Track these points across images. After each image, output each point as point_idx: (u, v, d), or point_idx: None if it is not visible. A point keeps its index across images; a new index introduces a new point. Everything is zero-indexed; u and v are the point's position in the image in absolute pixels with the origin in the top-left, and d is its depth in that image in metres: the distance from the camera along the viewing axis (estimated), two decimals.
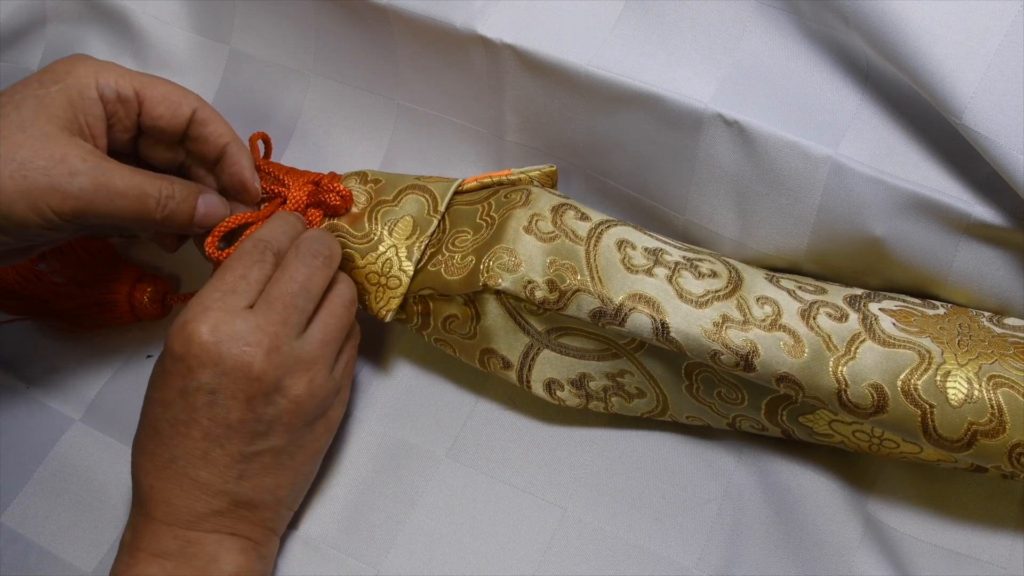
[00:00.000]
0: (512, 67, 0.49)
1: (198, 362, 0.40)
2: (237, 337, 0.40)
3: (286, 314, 0.41)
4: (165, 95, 0.45)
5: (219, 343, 0.40)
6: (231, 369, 0.40)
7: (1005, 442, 0.38)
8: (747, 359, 0.40)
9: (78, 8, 0.62)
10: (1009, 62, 0.40)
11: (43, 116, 0.41)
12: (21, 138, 0.40)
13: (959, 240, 0.42)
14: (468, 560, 0.45)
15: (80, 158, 0.41)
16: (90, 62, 0.43)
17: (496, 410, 0.49)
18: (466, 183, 0.48)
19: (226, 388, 0.40)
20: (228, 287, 0.42)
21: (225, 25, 0.59)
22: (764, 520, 0.45)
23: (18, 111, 0.41)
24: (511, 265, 0.43)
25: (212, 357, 0.40)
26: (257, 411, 0.41)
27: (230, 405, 0.40)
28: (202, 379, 0.40)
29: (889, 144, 0.43)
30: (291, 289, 0.42)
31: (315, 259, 0.43)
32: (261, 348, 0.40)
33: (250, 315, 0.41)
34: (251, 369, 0.40)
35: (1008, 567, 0.43)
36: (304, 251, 0.43)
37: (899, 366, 0.39)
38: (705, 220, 0.48)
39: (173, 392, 0.40)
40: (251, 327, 0.40)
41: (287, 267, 0.43)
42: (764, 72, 0.45)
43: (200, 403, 0.40)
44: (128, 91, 0.44)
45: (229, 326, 0.40)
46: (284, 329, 0.41)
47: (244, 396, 0.40)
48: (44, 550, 0.47)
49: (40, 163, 0.40)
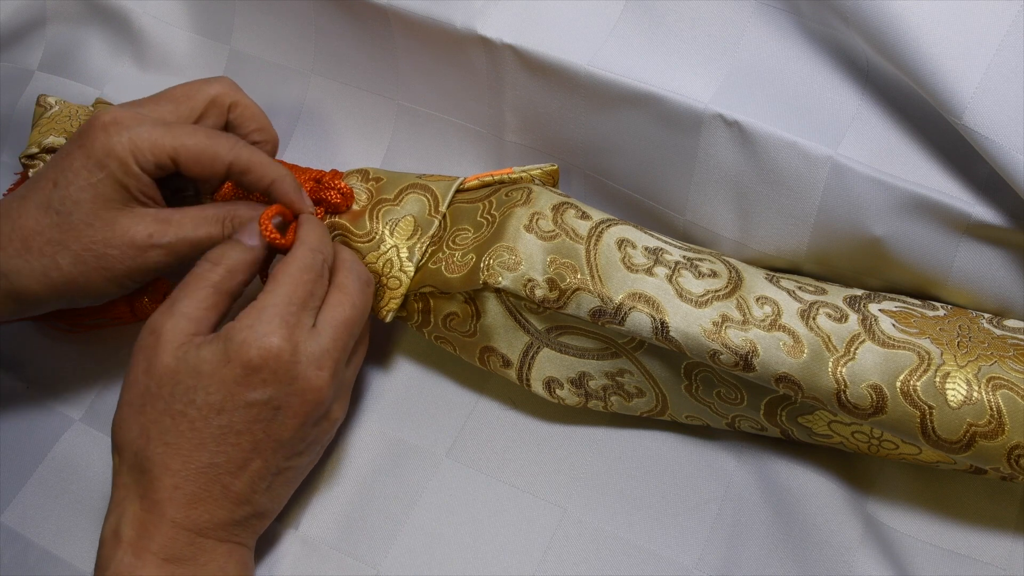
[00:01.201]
0: (512, 67, 0.49)
1: (274, 377, 0.40)
2: (312, 359, 0.40)
3: (346, 340, 0.42)
4: (198, 156, 0.44)
5: (297, 364, 0.40)
6: (302, 391, 0.40)
7: (1004, 444, 0.38)
8: (746, 359, 0.40)
9: (78, 8, 0.62)
10: (1009, 62, 0.39)
11: (102, 206, 0.42)
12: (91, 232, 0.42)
13: (959, 240, 0.42)
14: (468, 560, 0.45)
15: (147, 234, 0.43)
16: (123, 135, 0.42)
17: (496, 410, 0.49)
18: (467, 182, 0.48)
19: (292, 407, 0.40)
20: (300, 302, 0.41)
21: (225, 25, 0.59)
22: (764, 520, 0.45)
23: (78, 207, 0.42)
24: (511, 263, 0.43)
25: (289, 375, 0.40)
26: (306, 431, 0.41)
27: (288, 423, 0.40)
28: (272, 393, 0.40)
29: (889, 144, 0.43)
30: (353, 316, 0.43)
31: (368, 286, 0.44)
32: (329, 372, 0.41)
33: (319, 336, 0.41)
34: (320, 393, 0.41)
35: (1008, 568, 0.43)
36: (358, 274, 0.44)
37: (898, 367, 0.39)
38: (705, 220, 0.48)
39: (235, 401, 0.39)
40: (322, 350, 0.41)
41: (346, 289, 0.43)
42: (764, 72, 0.45)
43: (262, 416, 0.40)
44: (164, 159, 0.43)
45: (305, 346, 0.40)
46: (343, 356, 0.42)
47: (304, 416, 0.41)
48: (44, 550, 0.47)
49: (114, 252, 0.43)
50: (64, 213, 0.42)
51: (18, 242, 0.42)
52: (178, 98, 0.47)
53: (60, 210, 0.42)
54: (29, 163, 0.52)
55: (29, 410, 0.51)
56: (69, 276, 0.43)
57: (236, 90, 0.48)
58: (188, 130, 0.44)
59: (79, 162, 0.42)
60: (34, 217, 0.42)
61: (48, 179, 0.42)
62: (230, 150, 0.44)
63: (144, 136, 0.43)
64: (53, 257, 0.42)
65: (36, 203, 0.42)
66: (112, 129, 0.42)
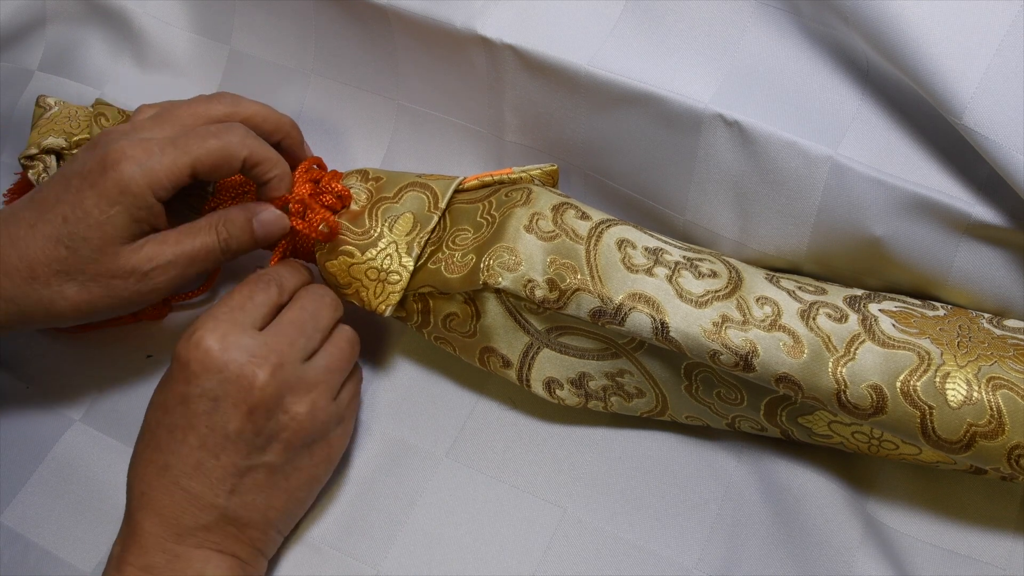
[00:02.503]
0: (512, 67, 0.49)
1: (203, 368, 0.41)
2: (243, 349, 0.41)
3: (293, 337, 0.43)
4: (216, 163, 0.44)
5: (225, 351, 0.41)
6: (235, 378, 0.41)
7: (1004, 444, 0.38)
8: (746, 359, 0.40)
9: (78, 8, 0.62)
10: (1009, 62, 0.39)
11: (109, 241, 0.43)
12: (96, 266, 0.43)
13: (959, 240, 0.42)
14: (468, 560, 0.45)
15: (147, 258, 0.44)
16: (136, 169, 0.43)
17: (496, 410, 0.49)
18: (467, 181, 0.48)
19: (229, 396, 0.41)
20: (236, 305, 0.43)
21: (225, 25, 0.59)
22: (764, 520, 0.45)
23: (86, 243, 0.43)
24: (511, 264, 0.43)
25: (218, 365, 0.41)
26: (257, 423, 0.41)
27: (231, 414, 0.41)
28: (205, 385, 0.40)
29: (889, 144, 0.43)
30: (301, 317, 0.44)
31: (324, 297, 0.45)
32: (267, 362, 0.41)
33: (258, 333, 0.42)
34: (255, 380, 0.41)
35: (1007, 568, 0.43)
36: (314, 289, 0.45)
37: (898, 367, 0.39)
38: (705, 220, 0.48)
39: (175, 397, 0.41)
40: (258, 343, 0.42)
41: (298, 299, 0.45)
42: (764, 72, 0.45)
43: (201, 409, 0.41)
44: (183, 179, 0.44)
45: (236, 338, 0.41)
46: (290, 350, 0.42)
47: (246, 407, 0.41)
48: (44, 550, 0.47)
49: (119, 281, 0.44)
50: (72, 249, 0.43)
51: (25, 271, 0.43)
52: (184, 120, 0.46)
53: (69, 245, 0.43)
54: (28, 164, 0.52)
55: (29, 410, 0.51)
56: (75, 304, 0.44)
57: (238, 103, 0.48)
58: (198, 139, 0.44)
59: (91, 201, 0.42)
60: (42, 249, 0.43)
61: (58, 213, 0.43)
62: (243, 146, 0.45)
63: (159, 166, 0.43)
64: (60, 287, 0.43)
65: (45, 235, 0.43)
66: (124, 166, 0.42)
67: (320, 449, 0.44)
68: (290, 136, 0.49)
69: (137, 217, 0.43)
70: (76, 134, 0.52)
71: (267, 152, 0.46)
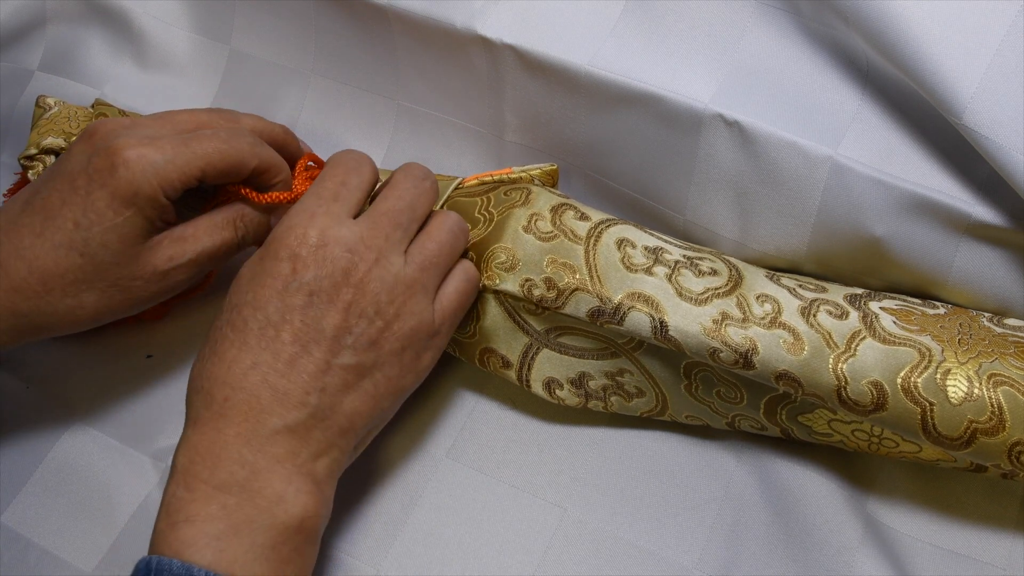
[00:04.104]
0: (512, 67, 0.49)
1: (302, 263, 0.39)
2: (342, 243, 0.40)
3: (390, 230, 0.41)
4: (227, 167, 0.43)
5: (326, 246, 0.40)
6: (333, 273, 0.40)
7: (1005, 440, 0.38)
8: (746, 356, 0.40)
9: (78, 8, 0.62)
10: (1009, 62, 0.40)
11: (129, 244, 0.42)
12: (117, 270, 0.42)
13: (959, 240, 0.42)
14: (468, 560, 0.45)
15: (167, 257, 0.43)
16: (148, 169, 0.41)
17: (496, 410, 0.49)
18: (466, 181, 0.48)
19: (326, 291, 0.39)
20: (330, 194, 0.41)
21: (225, 25, 0.59)
22: (764, 520, 0.45)
23: (105, 249, 0.41)
24: (509, 264, 0.43)
25: (317, 259, 0.39)
26: (350, 321, 0.40)
27: (326, 309, 0.39)
28: (304, 278, 0.39)
29: (889, 144, 0.43)
30: (398, 206, 0.42)
31: (424, 181, 0.44)
32: (364, 259, 0.40)
33: (355, 225, 0.41)
34: (352, 275, 0.40)
35: (1008, 567, 0.43)
36: (413, 172, 0.44)
37: (899, 364, 0.39)
38: (705, 220, 0.48)
39: (269, 292, 0.39)
40: (356, 236, 0.40)
41: (395, 185, 0.43)
42: (764, 72, 0.45)
43: (297, 303, 0.39)
44: (192, 181, 0.42)
45: (335, 231, 0.40)
46: (387, 244, 0.41)
47: (342, 303, 0.39)
48: (44, 550, 0.47)
49: (139, 283, 0.43)
50: (89, 255, 0.41)
51: (37, 284, 0.41)
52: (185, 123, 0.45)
53: (84, 252, 0.41)
54: (28, 164, 0.52)
55: (29, 410, 0.51)
56: (95, 311, 0.43)
57: (234, 114, 0.47)
58: (209, 141, 0.43)
59: (103, 202, 0.41)
60: (54, 259, 0.41)
61: (67, 218, 0.41)
62: (253, 153, 0.44)
63: (170, 166, 0.41)
64: (77, 297, 0.42)
65: (56, 243, 0.41)
66: (136, 165, 0.41)
67: (409, 357, 0.42)
68: (286, 144, 0.48)
69: (150, 216, 0.42)
70: (76, 134, 0.52)
71: (274, 159, 0.45)
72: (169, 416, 0.50)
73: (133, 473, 0.48)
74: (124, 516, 0.47)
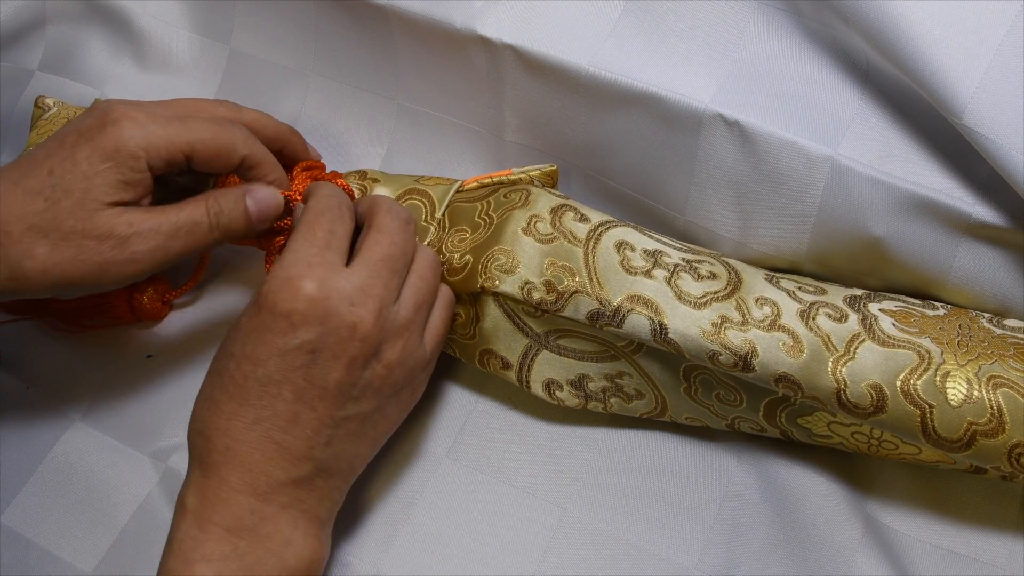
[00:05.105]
0: (512, 67, 0.49)
1: (303, 319, 0.38)
2: (344, 296, 0.39)
3: (387, 277, 0.41)
4: (216, 151, 0.43)
5: (327, 300, 0.39)
6: (337, 328, 0.39)
7: (1004, 442, 0.38)
8: (746, 359, 0.40)
9: (78, 8, 0.62)
10: (1009, 62, 0.39)
11: (92, 196, 0.41)
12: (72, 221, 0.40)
13: (959, 240, 0.42)
14: (468, 560, 0.45)
15: (127, 222, 0.41)
16: (137, 131, 0.41)
17: (496, 410, 0.49)
18: (466, 184, 0.48)
19: (329, 348, 0.39)
20: (322, 243, 0.40)
21: (225, 25, 0.59)
22: (764, 520, 0.45)
23: (68, 195, 0.40)
24: (509, 267, 0.43)
25: (319, 315, 0.39)
26: (354, 374, 0.40)
27: (330, 366, 0.39)
28: (305, 337, 0.38)
29: (889, 144, 0.43)
30: (393, 253, 0.41)
31: (409, 225, 0.43)
32: (368, 310, 0.39)
33: (352, 274, 0.40)
34: (357, 330, 0.39)
35: (1007, 568, 0.43)
36: (399, 215, 0.43)
37: (898, 366, 0.39)
38: (705, 220, 0.48)
39: (269, 349, 0.39)
40: (356, 287, 0.39)
41: (384, 228, 0.42)
42: (764, 72, 0.45)
43: (299, 362, 0.39)
44: (178, 155, 0.42)
45: (335, 283, 0.39)
46: (385, 292, 0.40)
47: (346, 358, 0.39)
48: (44, 550, 0.47)
49: (92, 243, 0.41)
50: (52, 200, 0.40)
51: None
52: (188, 109, 0.45)
53: (50, 197, 0.40)
54: None
55: (29, 410, 0.51)
56: (42, 265, 0.41)
57: (239, 108, 0.47)
58: (203, 124, 0.43)
59: (83, 153, 0.41)
60: (21, 203, 0.40)
61: (44, 167, 0.41)
62: (245, 144, 0.44)
63: (160, 133, 0.41)
64: (30, 245, 0.40)
65: (26, 189, 0.41)
66: (125, 124, 0.41)
67: (406, 395, 0.43)
68: (291, 143, 0.48)
69: (127, 180, 0.41)
70: None
71: (266, 156, 0.45)
72: (169, 416, 0.50)
73: (133, 473, 0.48)
74: (124, 516, 0.47)
